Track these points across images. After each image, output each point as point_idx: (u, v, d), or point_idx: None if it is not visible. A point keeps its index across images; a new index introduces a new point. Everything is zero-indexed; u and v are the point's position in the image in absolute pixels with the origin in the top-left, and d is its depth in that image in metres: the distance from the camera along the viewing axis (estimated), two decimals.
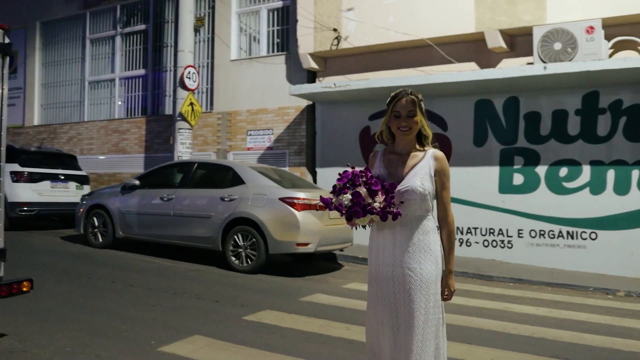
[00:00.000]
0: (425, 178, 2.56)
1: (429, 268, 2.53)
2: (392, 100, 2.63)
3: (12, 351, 3.96)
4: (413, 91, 2.62)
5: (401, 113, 2.57)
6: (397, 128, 2.59)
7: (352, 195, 2.43)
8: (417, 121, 2.58)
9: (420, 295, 2.51)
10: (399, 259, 2.55)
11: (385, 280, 2.58)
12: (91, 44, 14.67)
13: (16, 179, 10.34)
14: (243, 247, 7.62)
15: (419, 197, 2.53)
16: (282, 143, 11.30)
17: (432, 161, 2.61)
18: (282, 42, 11.71)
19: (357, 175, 2.47)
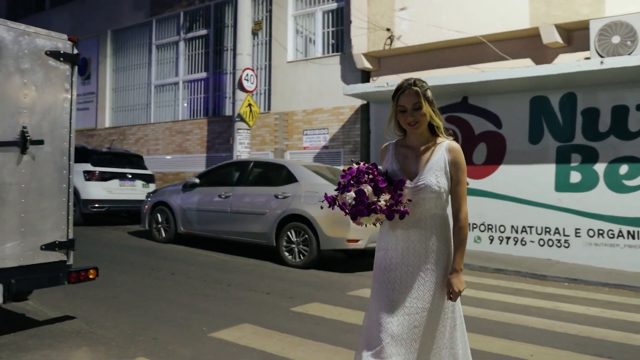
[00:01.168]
0: (440, 174, 2.41)
1: (439, 268, 2.42)
2: (396, 94, 2.47)
3: (79, 332, 4.37)
4: (418, 80, 2.45)
5: (406, 107, 2.41)
6: (406, 123, 2.44)
7: (355, 193, 2.31)
8: (425, 113, 2.40)
9: (432, 298, 2.40)
10: (411, 260, 2.41)
11: (393, 281, 2.43)
12: (157, 49, 15.40)
13: (88, 177, 11.06)
14: (296, 243, 7.89)
15: (434, 195, 2.39)
16: (337, 142, 11.50)
17: (447, 154, 2.43)
18: (336, 43, 11.92)
19: (362, 172, 2.36)
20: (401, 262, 2.43)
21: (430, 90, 2.45)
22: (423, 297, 2.39)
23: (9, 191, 4.07)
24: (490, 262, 8.56)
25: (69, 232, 4.46)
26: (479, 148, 9.64)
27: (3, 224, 4.03)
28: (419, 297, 2.38)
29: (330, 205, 2.44)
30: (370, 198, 2.30)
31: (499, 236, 9.36)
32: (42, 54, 4.29)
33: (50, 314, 4.84)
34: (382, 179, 2.35)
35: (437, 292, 2.41)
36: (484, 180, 9.55)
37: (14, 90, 4.10)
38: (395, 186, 2.36)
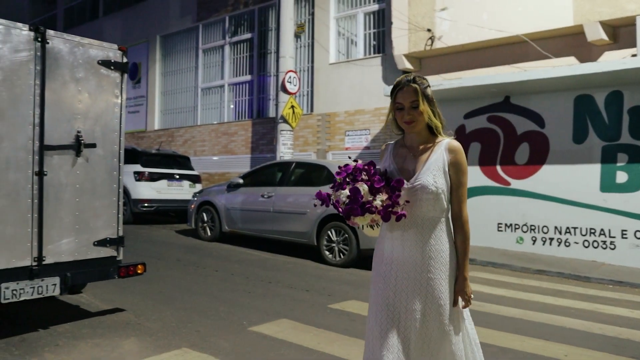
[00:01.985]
0: (439, 174, 2.29)
1: (441, 276, 2.29)
2: (394, 90, 2.35)
3: (128, 323, 4.66)
4: (417, 77, 2.34)
5: (403, 104, 2.30)
6: (402, 122, 2.33)
7: (350, 192, 2.19)
8: (422, 111, 2.29)
9: (430, 305, 2.27)
10: (408, 266, 2.29)
11: (390, 287, 2.32)
12: (203, 53, 15.85)
13: (138, 178, 11.54)
14: (336, 242, 8.04)
15: (431, 197, 2.26)
16: (379, 142, 11.58)
17: (446, 154, 2.32)
18: (378, 44, 12.00)
19: (358, 170, 2.23)
20: (398, 268, 2.32)
21: (430, 88, 2.35)
22: (421, 305, 2.26)
23: (65, 191, 4.39)
24: (533, 263, 8.47)
25: (119, 229, 4.75)
26: (521, 148, 9.54)
27: (60, 222, 4.35)
28: (416, 306, 2.26)
29: (323, 203, 2.29)
30: (366, 197, 2.17)
31: (542, 237, 9.24)
32: (95, 63, 4.59)
33: (102, 306, 5.17)
34: (379, 179, 2.22)
35: (435, 300, 2.27)
36: (526, 180, 9.45)
37: (70, 97, 4.42)
38: (393, 186, 2.23)
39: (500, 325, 5.09)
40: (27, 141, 4.17)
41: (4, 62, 4.01)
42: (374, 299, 2.36)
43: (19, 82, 4.10)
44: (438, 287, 2.27)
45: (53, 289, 4.27)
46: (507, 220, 9.64)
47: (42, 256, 4.23)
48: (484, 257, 8.87)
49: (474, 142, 10.10)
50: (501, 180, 9.76)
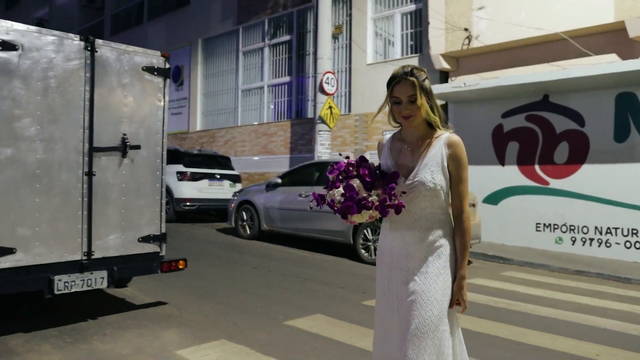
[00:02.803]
0: (437, 170, 2.21)
1: (435, 272, 2.22)
2: (391, 83, 2.26)
3: (170, 315, 4.91)
4: (415, 69, 2.24)
5: (401, 98, 2.21)
6: (400, 116, 2.25)
7: (344, 189, 2.12)
8: (420, 106, 2.20)
9: (423, 304, 2.18)
10: (406, 263, 2.25)
11: (391, 288, 2.29)
12: (243, 55, 16.19)
13: (181, 178, 11.92)
14: (372, 241, 8.15)
15: (429, 193, 2.20)
16: None
17: (445, 149, 2.24)
18: (415, 44, 12.03)
19: (351, 166, 2.17)
20: (398, 267, 2.28)
21: (429, 81, 2.27)
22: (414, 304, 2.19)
23: (112, 190, 4.67)
24: (571, 264, 8.37)
25: (161, 226, 5.01)
26: (560, 147, 9.43)
27: (107, 219, 4.63)
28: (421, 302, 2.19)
29: (319, 204, 2.23)
30: (361, 193, 2.10)
31: (581, 237, 9.12)
32: (139, 69, 4.85)
33: (145, 300, 5.45)
34: (370, 173, 2.16)
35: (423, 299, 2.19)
36: (565, 180, 9.33)
37: (116, 102, 4.70)
38: (387, 179, 2.17)
39: (533, 324, 5.11)
40: (78, 143, 4.46)
41: (57, 70, 4.31)
42: (377, 294, 2.38)
43: (70, 89, 4.39)
44: (432, 283, 2.20)
45: (101, 281, 4.55)
46: (545, 220, 9.55)
47: (91, 251, 4.52)
48: (521, 257, 8.82)
49: (512, 141, 10.03)
50: (540, 179, 9.67)
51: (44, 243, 4.25)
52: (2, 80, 4.02)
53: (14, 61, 4.07)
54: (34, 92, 4.19)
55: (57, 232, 4.32)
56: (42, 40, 4.23)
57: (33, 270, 4.20)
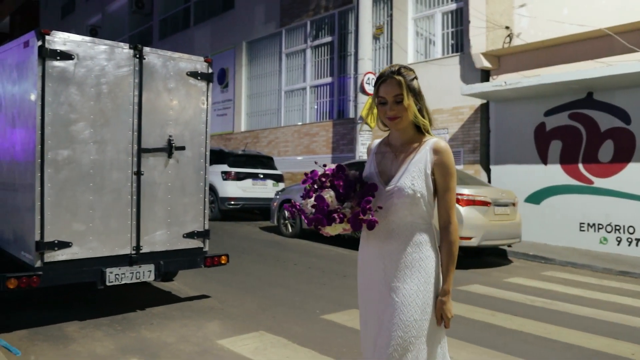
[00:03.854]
0: (418, 177, 2.07)
1: (414, 289, 2.05)
2: (377, 82, 2.14)
3: (213, 308, 5.18)
4: (403, 68, 2.10)
5: (386, 98, 2.08)
6: (385, 118, 2.11)
7: (315, 200, 2.01)
8: (407, 107, 2.07)
9: (399, 325, 2.04)
10: (383, 277, 2.11)
11: (371, 299, 2.16)
12: (286, 57, 16.48)
13: (225, 177, 12.28)
14: None
15: (408, 200, 2.05)
16: (457, 142, 11.60)
17: (431, 155, 2.10)
18: (456, 43, 12.00)
19: (326, 176, 2.06)
20: (377, 280, 2.13)
21: (417, 81, 2.12)
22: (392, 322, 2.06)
23: (159, 189, 4.96)
24: (616, 264, 8.22)
25: (205, 223, 5.28)
26: (605, 145, 9.26)
27: (154, 216, 4.93)
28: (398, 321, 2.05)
29: (292, 215, 2.26)
30: (332, 205, 2.00)
31: (627, 238, 8.93)
32: (184, 74, 5.13)
33: (190, 293, 5.74)
34: (345, 184, 2.03)
35: (401, 315, 2.05)
36: (610, 179, 9.16)
37: (163, 106, 4.99)
38: (364, 191, 2.04)
39: (570, 323, 5.12)
40: (127, 145, 4.77)
41: (109, 77, 4.62)
42: (360, 313, 2.25)
43: (121, 94, 4.71)
44: (411, 301, 2.05)
45: (149, 274, 4.85)
46: (589, 220, 9.39)
47: (140, 246, 4.82)
48: (564, 257, 8.72)
49: (555, 140, 9.91)
50: (584, 178, 9.52)
51: (97, 238, 4.57)
52: (60, 87, 4.35)
53: (70, 69, 4.40)
54: (88, 97, 4.51)
55: (108, 227, 4.64)
56: (95, 50, 4.55)
57: (87, 263, 4.53)
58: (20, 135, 4.62)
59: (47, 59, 4.29)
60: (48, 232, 4.32)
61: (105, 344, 4.13)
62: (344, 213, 1.99)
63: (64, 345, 4.09)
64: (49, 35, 4.31)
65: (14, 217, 4.75)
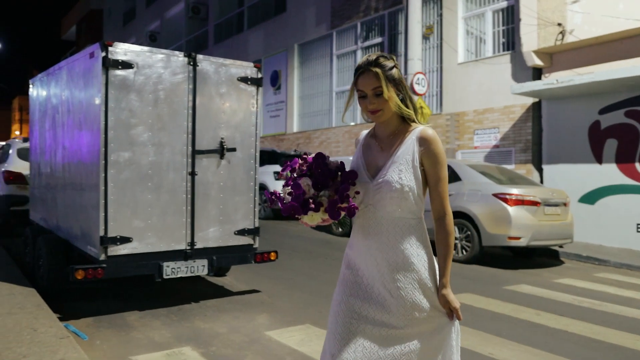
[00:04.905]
0: (406, 169, 1.96)
1: (408, 287, 1.96)
2: (355, 75, 2.03)
3: (262, 302, 5.44)
4: (381, 57, 1.99)
5: (365, 92, 1.98)
6: (367, 111, 2.02)
7: (291, 187, 1.94)
8: (388, 99, 1.96)
9: (398, 320, 1.95)
10: (374, 274, 2.00)
11: (358, 298, 2.02)
12: (337, 59, 16.68)
13: (278, 177, 12.55)
14: (459, 239, 8.27)
15: (396, 195, 1.95)
16: (508, 141, 11.47)
17: (417, 145, 1.98)
18: (507, 41, 11.86)
19: (305, 163, 1.99)
20: (362, 278, 2.03)
21: (397, 69, 2.01)
22: (389, 320, 1.96)
23: (212, 188, 5.26)
24: None
25: (255, 221, 5.54)
26: None
27: (208, 214, 5.23)
28: (384, 322, 1.96)
29: (271, 203, 2.01)
30: (308, 193, 1.91)
31: None
32: (235, 79, 5.41)
33: (241, 287, 6.03)
34: (323, 172, 1.94)
35: (409, 313, 1.96)
36: None
37: (215, 110, 5.28)
38: (342, 179, 1.95)
39: (617, 324, 5.07)
40: (183, 147, 5.09)
41: (165, 83, 4.95)
42: (333, 305, 2.11)
43: (176, 99, 5.03)
44: (410, 298, 1.96)
45: (202, 269, 5.15)
46: None
47: (194, 242, 5.13)
48: (619, 258, 8.51)
49: (610, 138, 9.67)
50: None
51: (155, 234, 4.90)
52: (121, 94, 4.71)
53: (131, 77, 4.75)
54: (147, 103, 4.85)
55: (165, 224, 4.97)
56: (153, 59, 4.88)
57: (146, 257, 4.87)
58: (86, 138, 5.01)
59: (110, 68, 4.64)
60: (111, 228, 4.69)
61: (162, 332, 4.44)
62: (321, 201, 1.90)
63: (126, 332, 4.43)
64: (112, 46, 4.66)
65: (81, 214, 5.15)
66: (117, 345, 4.14)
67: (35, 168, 7.10)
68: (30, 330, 3.91)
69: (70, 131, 5.54)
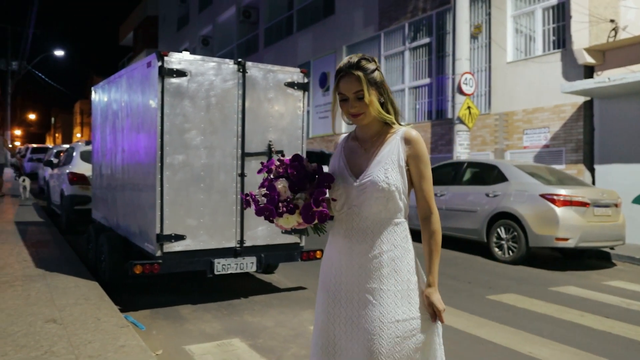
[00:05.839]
0: (392, 169, 1.95)
1: (392, 289, 1.93)
2: (336, 77, 2.00)
3: (308, 298, 5.66)
4: (362, 59, 1.97)
5: (347, 95, 1.96)
6: (349, 114, 2.00)
7: (267, 189, 1.91)
8: (369, 102, 1.94)
9: (381, 323, 1.89)
10: (356, 277, 1.96)
11: (339, 303, 1.99)
12: (385, 60, 16.76)
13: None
14: (505, 240, 8.25)
15: (382, 195, 1.93)
16: (558, 141, 11.28)
17: (402, 145, 1.98)
18: (557, 39, 11.66)
19: (281, 165, 1.95)
20: (344, 283, 1.99)
21: (379, 72, 1.99)
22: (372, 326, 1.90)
23: None
24: None
25: None
26: None
27: None
28: (367, 328, 1.91)
29: (246, 205, 2.01)
30: (283, 195, 1.89)
31: None
32: (282, 85, 5.65)
33: (288, 284, 6.27)
34: (300, 174, 1.91)
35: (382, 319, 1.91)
36: None
37: (263, 114, 5.53)
38: (319, 182, 1.93)
39: None
40: (233, 150, 5.36)
41: (217, 90, 5.24)
42: (316, 319, 2.09)
43: (227, 105, 5.31)
44: (392, 299, 1.92)
45: (251, 266, 5.41)
46: None
47: (243, 240, 5.40)
48: None
49: None
50: None
51: (207, 232, 5.20)
52: (176, 101, 5.02)
53: (184, 85, 5.05)
54: (199, 108, 5.15)
55: (216, 223, 5.26)
56: (205, 67, 5.18)
57: (198, 254, 5.17)
58: (144, 141, 5.37)
59: (166, 76, 4.96)
60: (166, 226, 5.01)
61: (213, 324, 4.72)
62: (296, 204, 1.88)
63: (180, 324, 4.73)
64: (167, 56, 4.98)
65: (139, 213, 5.51)
66: (171, 335, 4.44)
67: (97, 170, 7.57)
68: (94, 319, 4.26)
69: (129, 135, 5.92)
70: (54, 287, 5.25)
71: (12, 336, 3.81)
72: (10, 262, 6.40)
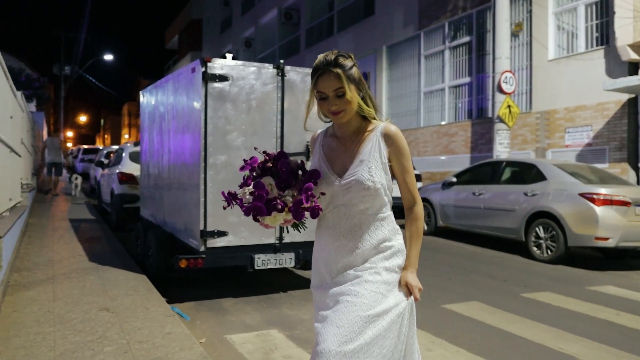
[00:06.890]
0: (376, 167, 1.96)
1: (378, 279, 1.96)
2: (313, 75, 1.96)
3: None
4: (340, 56, 1.94)
5: (327, 93, 1.94)
6: (329, 112, 1.98)
7: (254, 187, 1.89)
8: (350, 99, 1.93)
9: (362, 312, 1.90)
10: (348, 277, 1.99)
11: (325, 305, 2.01)
12: (425, 59, 16.77)
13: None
14: (544, 239, 8.22)
15: (368, 193, 1.95)
16: (602, 139, 11.11)
17: (383, 142, 1.99)
18: (600, 36, 11.47)
19: (266, 162, 1.95)
20: (332, 282, 2.03)
21: (357, 68, 1.98)
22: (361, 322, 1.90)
23: None
24: None
25: None
26: None
27: None
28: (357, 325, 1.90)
29: (229, 204, 1.98)
30: (272, 192, 1.88)
31: None
32: None
33: None
34: (287, 171, 1.91)
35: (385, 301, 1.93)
36: None
37: (302, 116, 5.75)
38: (306, 178, 1.93)
39: None
40: (272, 150, 5.59)
41: (257, 93, 5.49)
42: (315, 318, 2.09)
43: (266, 107, 5.55)
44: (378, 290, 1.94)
45: (290, 261, 5.64)
46: None
47: (282, 236, 5.63)
48: None
49: None
50: None
51: (247, 228, 5.45)
52: (218, 104, 5.30)
53: (226, 89, 5.33)
54: (240, 111, 5.41)
55: None
56: (246, 71, 5.44)
57: (239, 250, 5.43)
58: (188, 142, 5.67)
59: (209, 81, 5.25)
60: (210, 223, 5.29)
61: (253, 316, 4.97)
62: (285, 201, 1.87)
63: (222, 315, 5.01)
64: (210, 62, 5.27)
65: (184, 210, 5.82)
66: (214, 325, 4.71)
67: (145, 169, 7.96)
68: (143, 309, 4.57)
69: (174, 136, 6.25)
70: (106, 279, 5.63)
71: (71, 322, 4.16)
72: (67, 256, 6.85)
